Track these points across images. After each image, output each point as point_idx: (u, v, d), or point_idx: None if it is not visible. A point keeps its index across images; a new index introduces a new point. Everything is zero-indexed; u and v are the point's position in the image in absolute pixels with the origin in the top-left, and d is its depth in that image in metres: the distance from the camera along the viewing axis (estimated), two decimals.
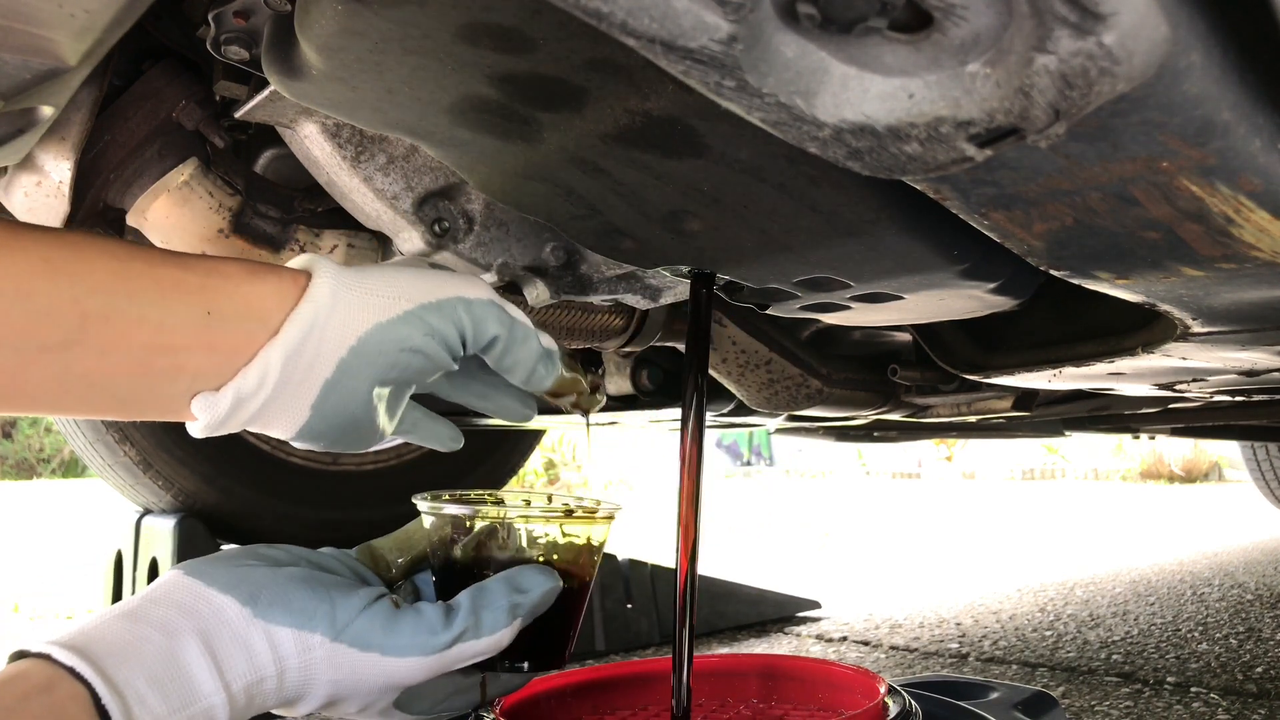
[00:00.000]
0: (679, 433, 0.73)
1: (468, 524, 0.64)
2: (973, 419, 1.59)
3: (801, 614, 2.28)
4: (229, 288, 0.54)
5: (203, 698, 0.52)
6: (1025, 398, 1.48)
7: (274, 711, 0.58)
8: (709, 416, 1.52)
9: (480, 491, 0.71)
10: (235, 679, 0.53)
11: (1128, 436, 3.45)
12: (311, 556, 0.62)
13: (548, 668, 0.66)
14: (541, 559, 0.64)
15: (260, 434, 0.61)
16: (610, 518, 0.67)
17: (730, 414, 1.44)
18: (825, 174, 0.56)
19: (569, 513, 0.66)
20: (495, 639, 0.59)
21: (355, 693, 0.58)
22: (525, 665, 0.64)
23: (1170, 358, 0.85)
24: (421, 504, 0.66)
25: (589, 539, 0.67)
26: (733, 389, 1.31)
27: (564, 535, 0.66)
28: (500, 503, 0.71)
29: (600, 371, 0.63)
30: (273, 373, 0.54)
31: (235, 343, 0.54)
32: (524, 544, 0.64)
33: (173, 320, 0.52)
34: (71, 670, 0.49)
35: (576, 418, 1.61)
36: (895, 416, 1.47)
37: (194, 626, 0.53)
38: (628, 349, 1.20)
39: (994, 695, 0.83)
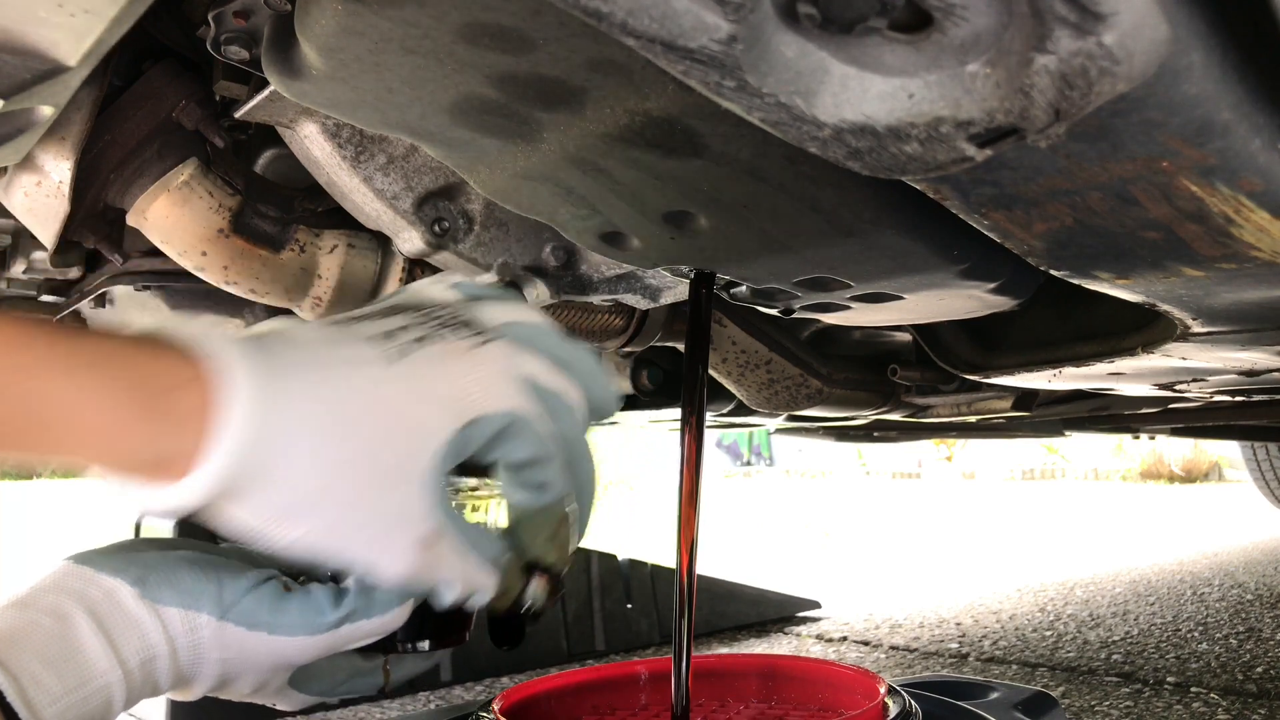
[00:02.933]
0: (679, 433, 0.73)
1: None
2: (973, 419, 1.59)
3: (801, 614, 2.28)
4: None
5: (98, 675, 0.52)
6: (1025, 398, 1.48)
7: (170, 695, 0.58)
8: (709, 416, 1.52)
9: None
10: (130, 656, 0.54)
11: (1128, 436, 3.45)
12: (206, 546, 0.62)
13: (447, 645, 0.67)
14: None
15: None
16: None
17: (730, 414, 1.44)
18: (825, 174, 0.56)
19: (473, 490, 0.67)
20: (386, 619, 0.59)
21: (245, 671, 0.58)
22: (426, 645, 0.65)
23: (1170, 358, 0.85)
24: None
25: (488, 510, 0.69)
26: (733, 389, 1.31)
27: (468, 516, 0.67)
28: None
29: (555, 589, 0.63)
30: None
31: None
32: None
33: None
34: None
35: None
36: (895, 416, 1.47)
37: (85, 609, 0.54)
38: (628, 349, 1.20)
39: (994, 695, 0.83)
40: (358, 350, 0.50)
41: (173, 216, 0.79)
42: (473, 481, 0.61)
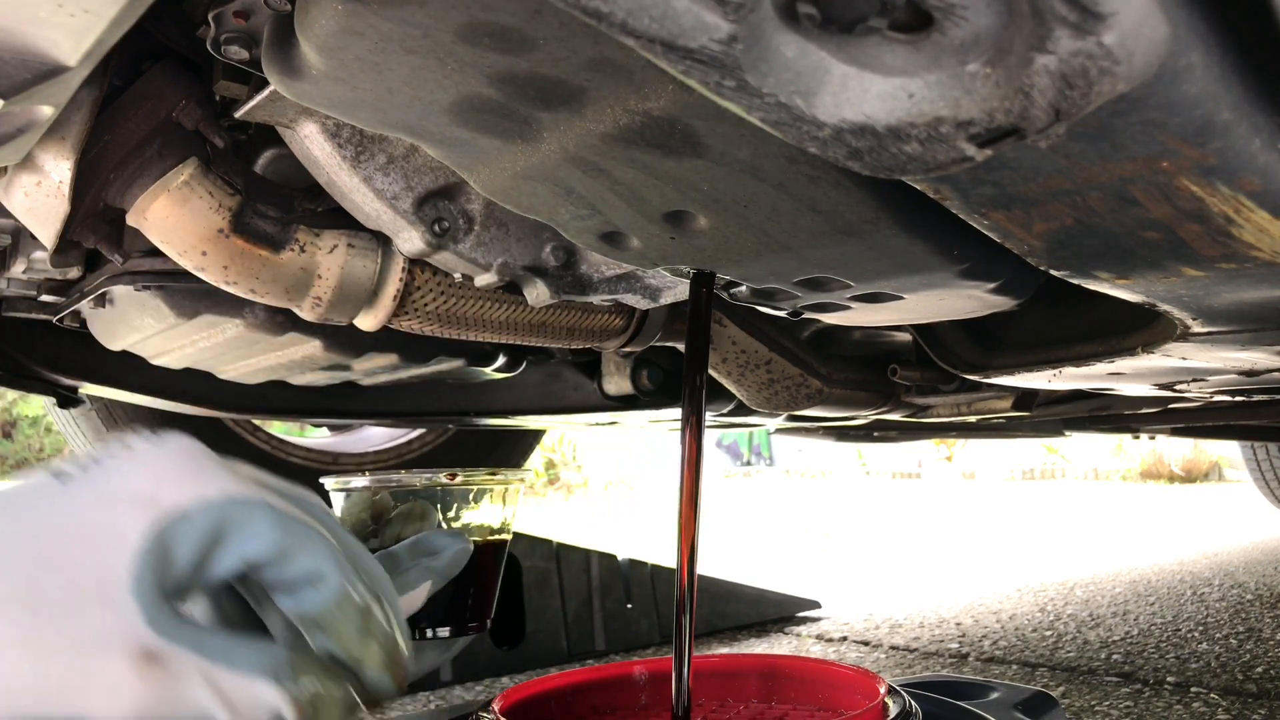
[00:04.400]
0: (679, 433, 0.73)
1: (375, 496, 0.66)
2: (973, 419, 1.59)
3: (801, 614, 2.28)
4: None
5: None
6: (1025, 398, 1.48)
7: None
8: (709, 416, 1.52)
9: (385, 473, 0.71)
10: None
11: (1128, 436, 3.45)
12: None
13: (469, 632, 0.68)
14: (458, 525, 0.69)
15: (261, 434, 0.60)
16: (521, 480, 0.72)
17: (730, 414, 1.44)
18: (825, 174, 0.56)
19: (490, 474, 0.70)
20: (407, 601, 0.58)
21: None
22: (447, 631, 0.66)
23: (1170, 358, 0.85)
24: (329, 484, 0.68)
25: (504, 497, 0.72)
26: (733, 389, 1.31)
27: (476, 500, 0.70)
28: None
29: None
30: None
31: None
32: (441, 514, 0.68)
33: None
34: None
35: (578, 417, 1.62)
36: (895, 416, 1.47)
37: None
38: (628, 349, 1.19)
39: (994, 695, 0.83)
40: (35, 481, 0.43)
41: (173, 216, 0.79)
42: None
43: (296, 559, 0.44)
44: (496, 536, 0.71)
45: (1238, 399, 1.32)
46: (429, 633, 0.66)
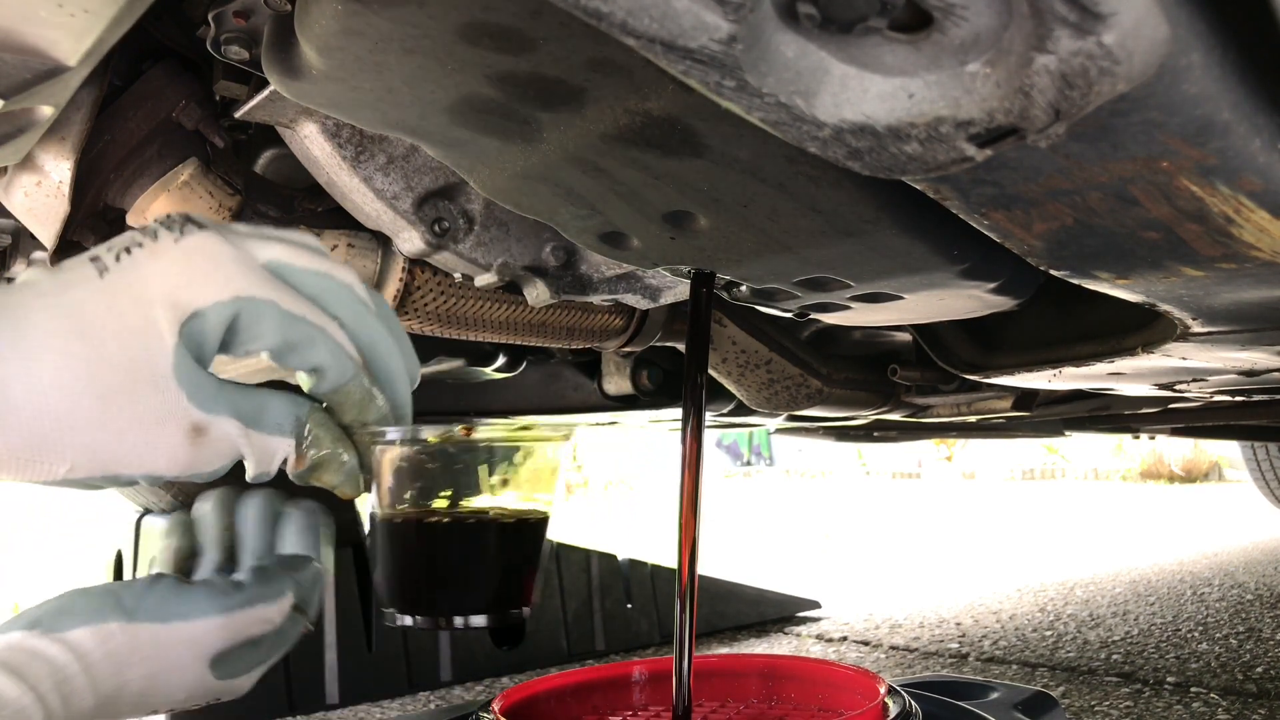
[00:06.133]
0: (679, 433, 0.73)
1: (401, 448, 0.57)
2: (973, 419, 1.59)
3: (801, 614, 2.28)
4: None
5: (8, 704, 0.54)
6: (1025, 398, 1.48)
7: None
8: (709, 416, 1.52)
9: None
10: (39, 682, 0.56)
11: (1128, 436, 3.45)
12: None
13: (508, 619, 0.61)
14: (499, 486, 0.61)
15: None
16: (566, 436, 0.62)
17: (730, 414, 1.44)
18: (825, 174, 0.56)
19: (523, 428, 0.62)
20: (283, 601, 0.63)
21: (169, 669, 0.60)
22: (484, 619, 0.60)
23: (1170, 358, 0.85)
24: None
25: (539, 458, 0.62)
26: (733, 389, 1.31)
27: (518, 459, 0.61)
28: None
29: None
30: None
31: None
32: (478, 474, 0.60)
33: None
34: None
35: (578, 417, 1.62)
36: (895, 416, 1.47)
37: None
38: (628, 349, 1.19)
39: (994, 695, 0.83)
40: (78, 272, 0.50)
41: None
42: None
43: (300, 354, 0.52)
44: (530, 508, 0.61)
45: (1238, 399, 1.32)
46: (459, 621, 0.59)
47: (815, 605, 2.30)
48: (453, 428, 0.57)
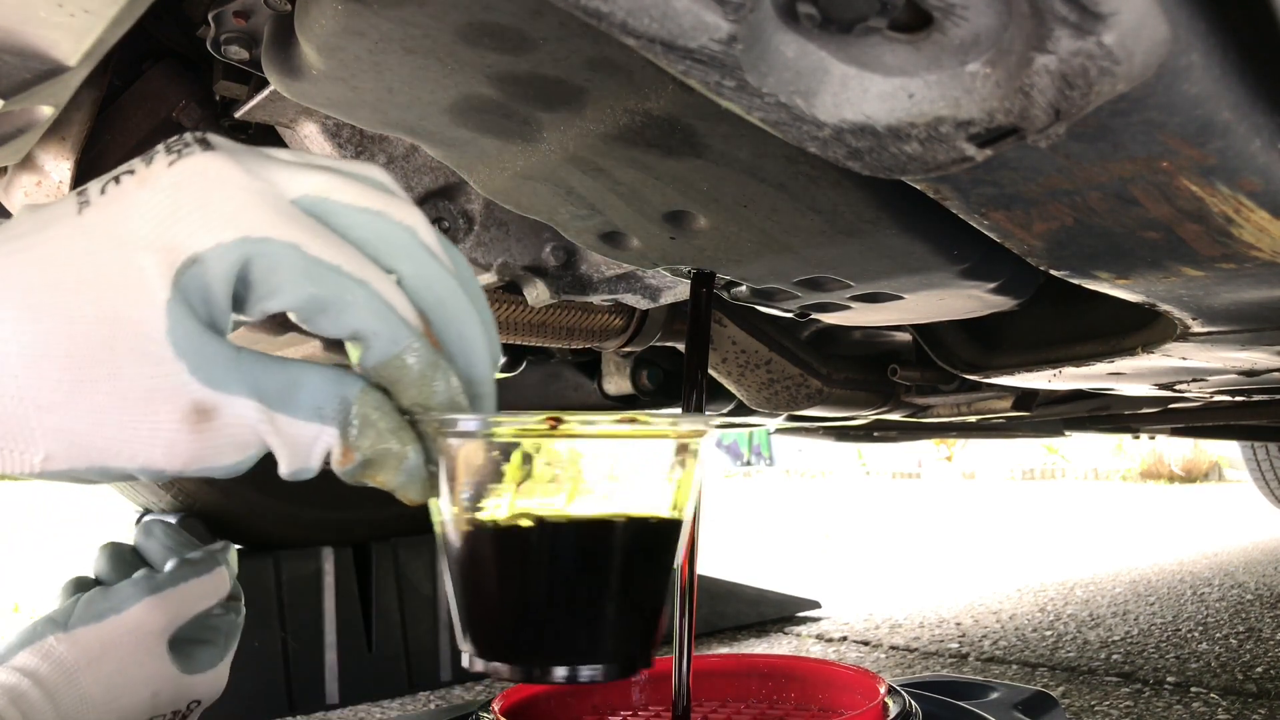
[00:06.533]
0: None
1: (488, 454, 0.42)
2: (973, 419, 1.59)
3: (801, 614, 2.27)
4: None
5: None
6: (1025, 398, 1.48)
7: None
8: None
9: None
10: None
11: (1128, 436, 3.45)
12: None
13: (631, 671, 0.45)
14: (606, 501, 0.43)
15: None
16: (699, 432, 0.45)
17: (730, 414, 1.44)
18: (825, 174, 0.56)
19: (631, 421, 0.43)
20: (216, 575, 0.66)
21: (123, 666, 0.63)
22: (599, 671, 0.43)
23: (1170, 358, 0.85)
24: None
25: (680, 458, 0.45)
26: (733, 389, 1.31)
27: (634, 465, 0.44)
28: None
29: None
30: None
31: None
32: (587, 477, 0.43)
33: None
34: None
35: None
36: (895, 416, 1.47)
37: None
38: (628, 349, 1.19)
39: (994, 695, 0.83)
40: (59, 209, 0.40)
41: None
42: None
43: (333, 315, 0.39)
44: (654, 513, 0.44)
45: (1238, 399, 1.32)
46: (559, 674, 0.43)
47: (815, 605, 2.30)
48: (537, 415, 0.41)
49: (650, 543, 0.44)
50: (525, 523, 0.42)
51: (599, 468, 0.43)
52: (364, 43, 0.51)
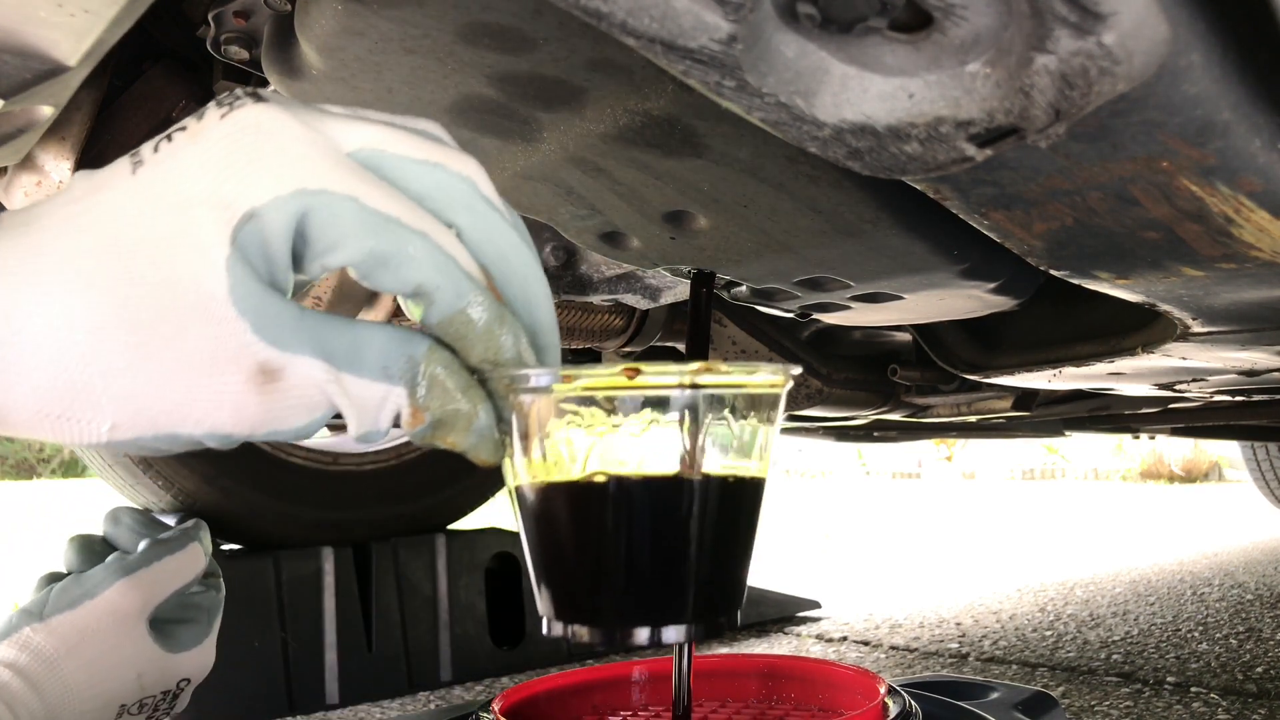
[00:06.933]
0: None
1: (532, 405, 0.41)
2: (973, 419, 1.59)
3: (801, 614, 2.27)
4: None
5: None
6: (1025, 398, 1.48)
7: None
8: None
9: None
10: None
11: (1128, 436, 3.45)
12: None
13: (715, 630, 0.43)
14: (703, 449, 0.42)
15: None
16: (780, 380, 0.44)
17: None
18: (825, 174, 0.56)
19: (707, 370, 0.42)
20: (188, 553, 0.66)
21: (104, 650, 0.63)
22: (681, 631, 0.42)
23: (1170, 358, 0.85)
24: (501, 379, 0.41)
25: (764, 408, 0.43)
26: None
27: (728, 409, 0.42)
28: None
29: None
30: None
31: None
32: (670, 430, 0.41)
33: None
34: None
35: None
36: (895, 416, 1.47)
37: None
38: (628, 349, 1.19)
39: (994, 695, 0.83)
40: (113, 172, 0.39)
41: None
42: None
43: (395, 270, 0.38)
44: (740, 474, 0.43)
45: (1238, 399, 1.32)
46: (641, 635, 0.41)
47: (815, 605, 2.29)
48: (614, 368, 0.40)
49: (733, 499, 0.43)
50: (602, 480, 0.41)
51: (677, 420, 0.41)
52: (364, 43, 0.51)
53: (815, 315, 0.81)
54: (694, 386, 0.41)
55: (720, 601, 0.43)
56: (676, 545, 0.42)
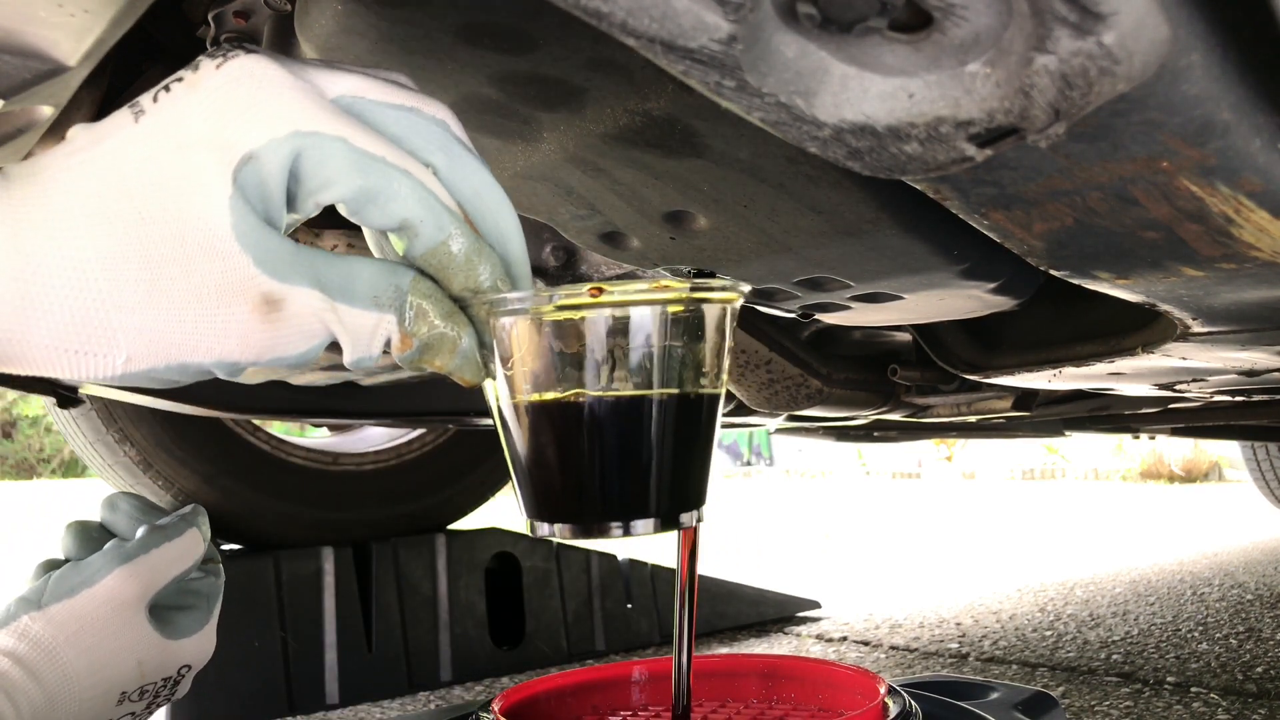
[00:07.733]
0: None
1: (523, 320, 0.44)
2: (973, 419, 1.59)
3: (801, 614, 2.27)
4: None
5: None
6: (1025, 398, 1.48)
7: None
8: None
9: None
10: None
11: (1128, 436, 3.46)
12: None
13: (678, 524, 0.48)
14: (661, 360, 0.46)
15: (261, 434, 0.61)
16: (738, 294, 0.49)
17: (730, 414, 1.44)
18: (825, 174, 0.56)
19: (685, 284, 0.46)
20: (185, 541, 0.66)
21: (103, 637, 0.62)
22: (650, 524, 0.47)
23: (1170, 358, 0.85)
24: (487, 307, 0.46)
25: (716, 321, 0.48)
26: (732, 389, 1.31)
27: (683, 323, 0.46)
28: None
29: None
30: None
31: None
32: (633, 344, 0.45)
33: None
34: None
35: None
36: (895, 416, 1.47)
37: None
38: None
39: (994, 695, 0.83)
40: (114, 121, 0.42)
41: None
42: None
43: (382, 205, 0.42)
44: (690, 388, 0.47)
45: (1238, 399, 1.32)
46: (615, 529, 0.47)
47: (815, 605, 2.30)
48: (580, 288, 0.44)
49: (690, 411, 0.48)
50: (577, 396, 0.45)
51: (643, 333, 0.46)
52: (364, 43, 0.51)
53: (815, 315, 0.81)
54: (660, 302, 0.46)
55: (681, 500, 0.48)
56: (641, 452, 0.47)
